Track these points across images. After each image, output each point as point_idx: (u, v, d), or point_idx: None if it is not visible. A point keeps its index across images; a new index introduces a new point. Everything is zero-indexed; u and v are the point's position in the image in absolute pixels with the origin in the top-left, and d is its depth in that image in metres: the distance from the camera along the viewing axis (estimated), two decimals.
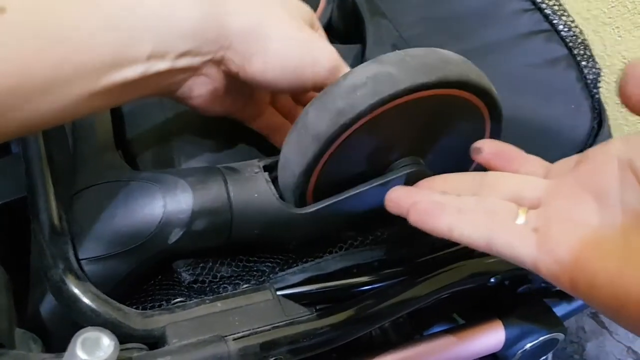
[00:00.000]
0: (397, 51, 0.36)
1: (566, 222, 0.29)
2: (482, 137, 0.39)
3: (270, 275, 0.40)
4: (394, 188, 0.36)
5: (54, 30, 0.28)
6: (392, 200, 0.35)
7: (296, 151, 0.35)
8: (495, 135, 0.39)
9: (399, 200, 0.35)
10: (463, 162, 0.40)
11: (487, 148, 0.35)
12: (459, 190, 0.35)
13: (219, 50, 0.35)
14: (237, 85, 0.38)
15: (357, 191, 0.37)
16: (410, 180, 0.38)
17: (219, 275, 0.39)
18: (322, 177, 0.36)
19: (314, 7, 0.56)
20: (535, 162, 0.35)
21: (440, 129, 0.38)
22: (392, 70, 0.34)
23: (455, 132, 0.39)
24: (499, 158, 0.35)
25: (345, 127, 0.34)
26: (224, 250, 0.39)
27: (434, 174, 0.38)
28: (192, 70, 0.35)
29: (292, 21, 0.37)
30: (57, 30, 0.28)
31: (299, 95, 0.45)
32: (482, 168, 0.36)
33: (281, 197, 0.37)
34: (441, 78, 0.34)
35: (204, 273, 0.38)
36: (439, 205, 0.33)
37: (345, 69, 0.38)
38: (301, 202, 0.37)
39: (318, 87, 0.37)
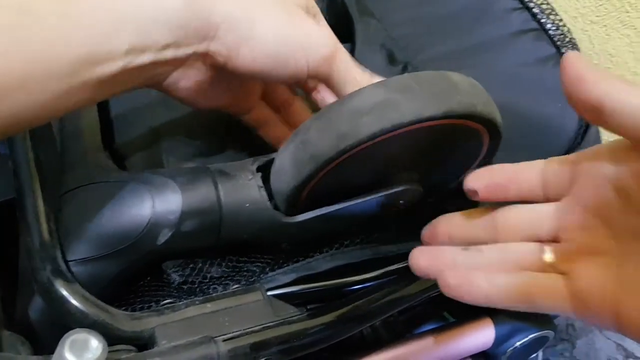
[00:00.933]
0: (406, 75, 0.35)
1: (590, 259, 0.30)
2: (479, 152, 0.39)
3: (261, 276, 0.40)
4: (417, 251, 0.36)
5: (27, 26, 0.28)
6: (418, 267, 0.36)
7: (292, 164, 0.35)
8: (492, 150, 0.39)
9: (427, 270, 0.35)
10: (456, 173, 0.41)
11: (480, 186, 0.35)
12: (475, 236, 0.35)
13: (204, 41, 0.34)
14: (225, 77, 0.37)
15: (350, 204, 0.37)
16: (405, 196, 0.39)
17: (208, 276, 0.39)
18: (316, 188, 0.36)
19: None
20: (530, 176, 0.34)
21: (440, 151, 0.38)
22: (399, 99, 0.33)
23: (454, 151, 0.39)
24: (495, 190, 0.35)
25: (345, 152, 0.33)
26: (214, 251, 0.39)
27: (426, 193, 0.38)
28: (177, 63, 0.34)
29: (282, 6, 0.35)
30: (30, 25, 0.28)
31: (298, 84, 0.44)
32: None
33: (272, 198, 0.37)
34: (448, 111, 0.33)
35: (193, 274, 0.38)
36: (468, 276, 0.33)
37: (344, 56, 0.37)
38: (293, 207, 0.37)
39: (315, 76, 0.37)
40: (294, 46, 0.35)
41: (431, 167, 0.39)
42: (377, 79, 0.39)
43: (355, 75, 0.38)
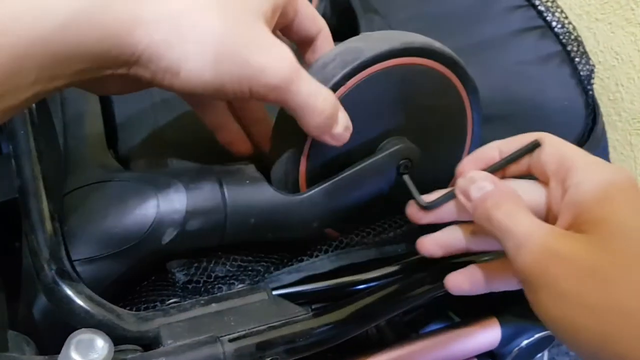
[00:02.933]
0: (364, 33, 0.38)
1: None
2: (464, 112, 0.40)
3: (265, 275, 0.40)
4: (450, 277, 0.37)
5: None
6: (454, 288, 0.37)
7: (280, 139, 0.36)
8: (476, 105, 0.40)
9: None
10: (453, 145, 0.41)
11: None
12: None
13: (123, 66, 0.30)
14: None
15: (347, 173, 0.38)
16: (401, 157, 0.39)
17: (213, 275, 0.39)
18: (310, 163, 0.36)
19: None
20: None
21: (418, 105, 0.39)
22: (357, 44, 0.36)
23: (434, 107, 0.39)
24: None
25: None
26: (219, 250, 0.38)
27: (420, 151, 0.39)
28: (95, 80, 0.30)
29: (232, 24, 0.30)
30: None
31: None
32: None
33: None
34: (405, 45, 0.36)
35: (198, 273, 0.38)
36: None
37: (303, 74, 0.32)
38: (294, 191, 0.37)
39: (271, 100, 0.32)
40: (235, 78, 0.30)
41: (422, 130, 0.40)
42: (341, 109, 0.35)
43: (316, 104, 0.33)
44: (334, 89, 0.35)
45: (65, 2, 0.27)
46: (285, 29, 0.37)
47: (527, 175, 0.36)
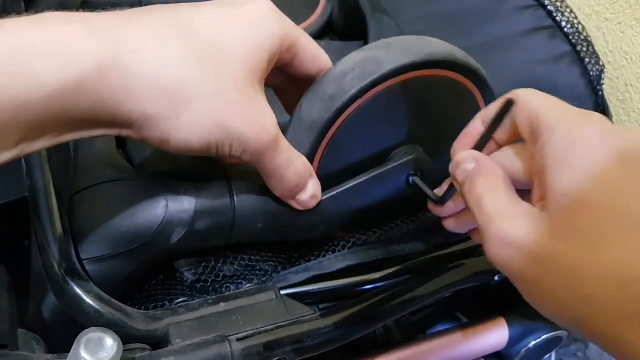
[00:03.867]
0: (383, 39, 0.36)
1: None
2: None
3: (273, 275, 0.40)
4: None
5: None
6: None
7: (294, 141, 0.35)
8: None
9: None
10: None
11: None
12: None
13: (114, 129, 0.30)
14: None
15: (357, 182, 0.37)
16: (412, 168, 0.38)
17: (221, 274, 0.39)
18: (322, 170, 0.36)
19: (315, 5, 0.56)
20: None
21: (434, 114, 0.38)
22: (378, 54, 0.35)
23: (451, 116, 0.39)
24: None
25: (339, 112, 0.34)
26: (227, 249, 0.38)
27: (432, 160, 0.38)
28: (84, 136, 0.30)
29: (221, 88, 0.31)
30: None
31: None
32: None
33: None
34: (427, 57, 0.35)
35: (206, 272, 0.38)
36: None
37: (281, 144, 0.34)
38: None
39: (247, 161, 0.33)
40: (220, 143, 0.32)
41: (433, 136, 0.39)
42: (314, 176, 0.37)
43: (284, 174, 0.34)
44: (354, 99, 0.34)
45: (57, 72, 0.26)
46: (284, 66, 0.36)
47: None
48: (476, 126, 0.34)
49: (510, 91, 0.32)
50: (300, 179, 0.35)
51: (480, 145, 0.33)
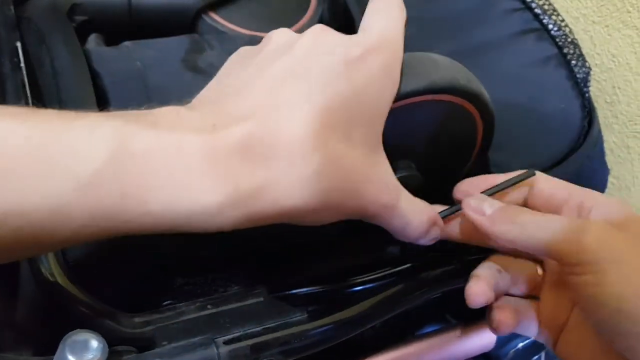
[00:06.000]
0: None
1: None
2: (474, 136, 0.39)
3: (262, 277, 0.40)
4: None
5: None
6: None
7: None
8: (488, 134, 0.39)
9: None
10: (455, 165, 0.41)
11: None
12: None
13: None
14: None
15: None
16: (405, 184, 0.38)
17: (210, 276, 0.39)
18: None
19: (305, 8, 0.56)
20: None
21: (430, 131, 0.38)
22: None
23: (446, 133, 0.39)
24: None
25: None
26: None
27: (423, 177, 0.38)
28: None
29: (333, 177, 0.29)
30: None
31: None
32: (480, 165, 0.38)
33: None
34: (430, 85, 0.34)
35: (195, 274, 0.38)
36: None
37: (403, 200, 0.33)
38: None
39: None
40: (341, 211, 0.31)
41: (427, 154, 0.39)
42: (438, 207, 0.37)
43: (407, 231, 0.34)
44: None
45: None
46: None
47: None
48: (484, 180, 0.37)
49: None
50: (420, 235, 0.35)
51: (490, 194, 0.36)
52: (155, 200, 0.25)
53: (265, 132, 0.27)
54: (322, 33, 0.31)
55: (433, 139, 0.38)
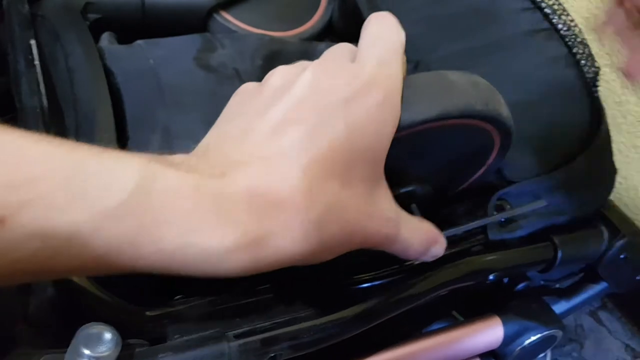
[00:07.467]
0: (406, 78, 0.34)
1: None
2: (490, 150, 0.39)
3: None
4: None
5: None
6: None
7: None
8: (504, 147, 0.39)
9: None
10: (469, 171, 0.41)
11: None
12: None
13: None
14: None
15: None
16: (415, 198, 0.39)
17: None
18: None
19: (315, 7, 0.56)
20: None
21: (445, 153, 0.38)
22: None
23: (461, 151, 0.39)
24: None
25: None
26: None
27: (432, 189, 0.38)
28: None
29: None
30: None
31: None
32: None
33: None
34: (442, 113, 0.33)
35: None
36: None
37: (403, 224, 0.33)
38: None
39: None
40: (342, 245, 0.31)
41: (440, 168, 0.39)
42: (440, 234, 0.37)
43: (409, 251, 0.35)
44: None
45: None
46: None
47: None
48: None
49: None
50: (420, 254, 0.36)
51: None
52: (168, 238, 0.26)
53: (267, 184, 0.28)
54: (320, 70, 0.31)
55: (446, 157, 0.38)
